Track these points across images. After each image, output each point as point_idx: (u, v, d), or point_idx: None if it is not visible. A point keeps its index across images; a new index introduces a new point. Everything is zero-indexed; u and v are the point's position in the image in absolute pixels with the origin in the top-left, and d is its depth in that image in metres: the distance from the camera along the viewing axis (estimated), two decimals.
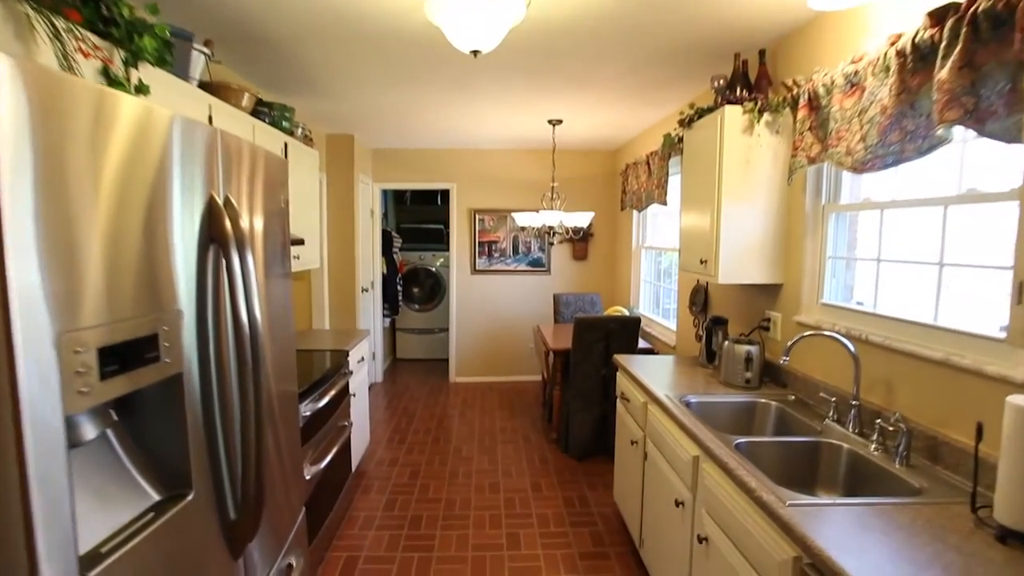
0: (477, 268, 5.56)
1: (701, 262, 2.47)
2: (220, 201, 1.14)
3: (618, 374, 2.85)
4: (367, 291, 5.11)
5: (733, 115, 2.31)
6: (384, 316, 5.90)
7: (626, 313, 4.23)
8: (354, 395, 3.15)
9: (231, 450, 1.17)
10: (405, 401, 5.01)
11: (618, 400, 2.83)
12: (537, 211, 4.05)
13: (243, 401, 1.14)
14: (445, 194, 6.74)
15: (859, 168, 1.70)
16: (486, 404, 4.94)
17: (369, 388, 5.27)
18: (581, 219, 3.93)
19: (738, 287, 2.82)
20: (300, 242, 2.80)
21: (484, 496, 3.18)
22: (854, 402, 1.76)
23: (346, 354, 2.97)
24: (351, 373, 3.00)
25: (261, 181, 1.43)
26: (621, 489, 2.76)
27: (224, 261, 1.12)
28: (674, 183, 3.71)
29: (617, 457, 2.85)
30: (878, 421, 1.64)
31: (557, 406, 3.92)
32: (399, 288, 6.12)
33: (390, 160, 5.43)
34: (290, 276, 1.70)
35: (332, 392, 2.59)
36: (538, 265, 5.61)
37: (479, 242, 5.54)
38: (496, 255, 5.57)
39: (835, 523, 1.20)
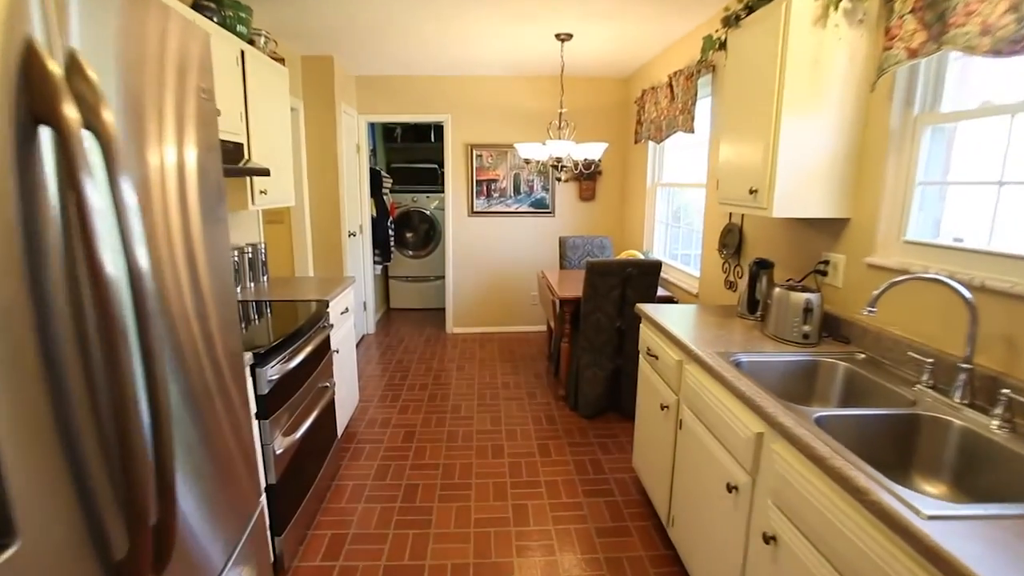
0: (475, 210, 5.09)
1: (751, 192, 2.03)
2: (55, 53, 0.68)
3: (642, 326, 2.47)
4: (354, 235, 4.66)
5: (802, 2, 1.80)
6: (375, 263, 5.47)
7: (639, 254, 3.81)
8: (337, 351, 2.77)
9: (112, 460, 0.77)
10: (399, 354, 4.66)
11: (641, 356, 2.46)
12: (543, 143, 3.55)
13: (118, 390, 0.73)
14: (439, 131, 6.16)
15: (1006, 50, 1.23)
16: (486, 357, 4.60)
17: (360, 340, 4.91)
18: (593, 150, 3.44)
19: (784, 225, 2.39)
20: (264, 172, 2.33)
21: (487, 461, 2.86)
22: (964, 365, 1.37)
23: (326, 305, 2.56)
24: (332, 327, 2.60)
25: (168, 57, 0.97)
26: (643, 456, 2.43)
27: (69, 158, 0.68)
28: (703, 108, 3.20)
29: (639, 421, 2.51)
30: (1005, 392, 1.25)
31: (566, 360, 3.57)
32: (390, 233, 5.66)
33: (376, 89, 4.84)
34: (223, 203, 1.26)
35: (308, 349, 2.20)
36: (541, 206, 5.13)
37: (477, 180, 5.04)
38: (496, 195, 5.08)
39: (1009, 549, 0.83)
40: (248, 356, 1.75)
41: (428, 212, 6.07)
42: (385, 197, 5.47)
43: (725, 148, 2.31)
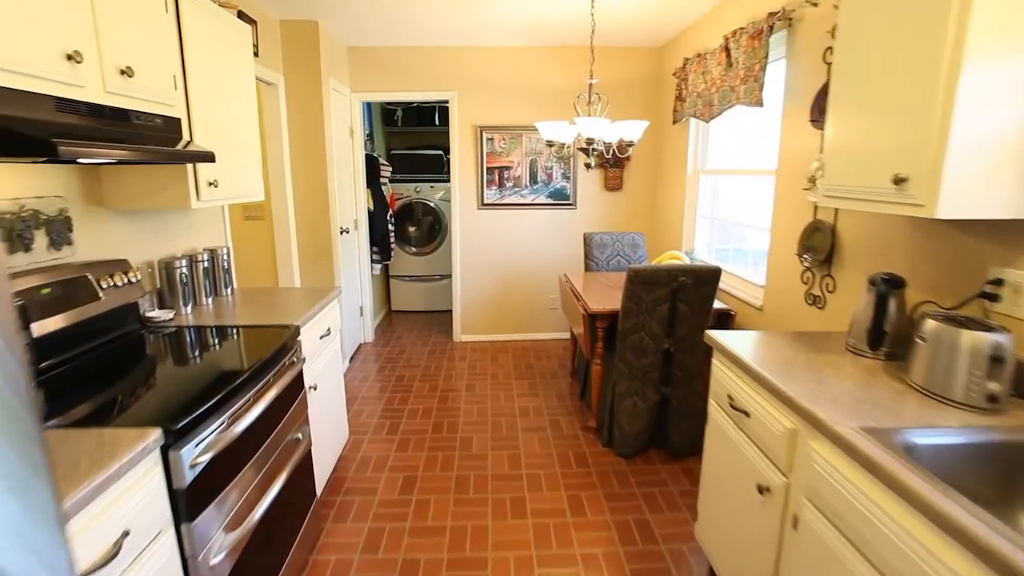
0: (485, 202, 4.46)
1: (895, 182, 1.39)
2: None
3: (715, 363, 1.85)
4: (347, 232, 4.05)
5: None
6: (373, 262, 4.87)
7: (688, 260, 3.18)
8: (315, 387, 2.17)
9: None
10: (400, 368, 4.07)
11: (714, 403, 1.84)
12: (570, 122, 2.91)
13: None
14: (444, 113, 5.52)
15: None
16: (500, 372, 4.00)
17: (356, 351, 4.33)
18: (632, 129, 2.80)
19: (921, 228, 1.75)
20: (206, 158, 1.72)
21: (505, 524, 2.27)
22: None
23: (296, 333, 1.96)
24: (304, 360, 2.00)
25: None
26: (715, 535, 1.83)
27: None
28: (773, 75, 2.55)
29: (708, 483, 1.90)
30: None
31: (597, 386, 2.96)
32: (390, 228, 5.05)
33: (372, 62, 4.20)
34: None
35: (269, 396, 1.61)
36: (561, 197, 4.49)
37: (487, 168, 4.41)
38: (509, 185, 4.45)
39: None
40: (155, 435, 1.16)
41: (432, 204, 5.44)
42: (384, 188, 4.86)
43: (838, 120, 1.66)
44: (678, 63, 3.75)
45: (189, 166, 1.85)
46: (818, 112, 2.19)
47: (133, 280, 1.87)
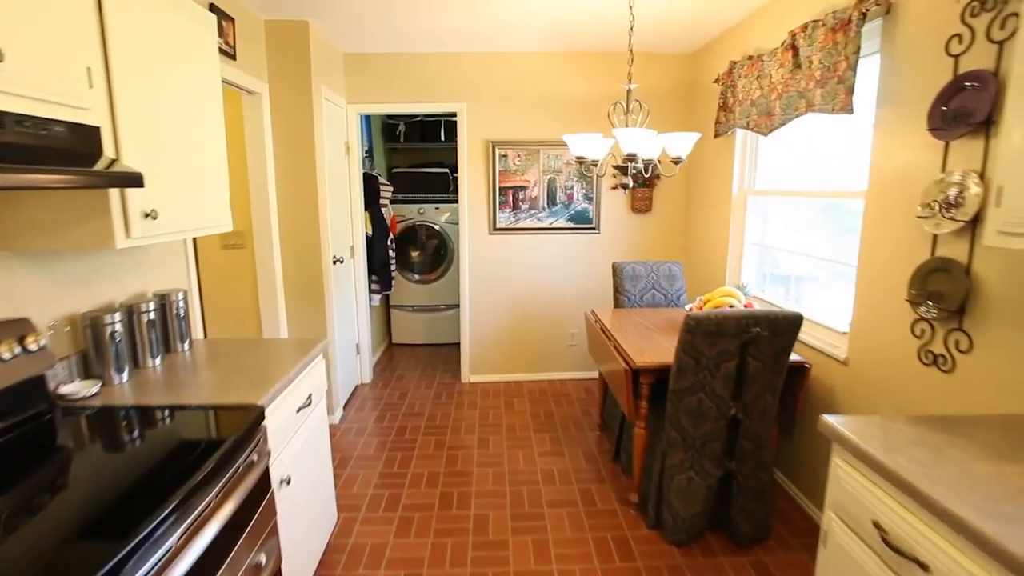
0: (498, 226, 3.98)
1: None
2: None
3: (840, 464, 1.32)
4: (341, 262, 3.55)
5: None
6: (372, 293, 4.37)
7: (743, 296, 2.67)
8: (286, 482, 1.65)
9: None
10: (401, 417, 3.54)
11: (839, 524, 1.31)
12: (605, 134, 2.42)
13: None
14: (452, 128, 5.08)
15: None
16: (516, 421, 3.47)
17: (352, 393, 3.81)
18: (683, 143, 2.32)
19: None
20: (132, 181, 1.23)
21: None
22: None
23: (258, 418, 1.44)
24: (269, 454, 1.48)
25: None
26: None
27: None
28: (864, 70, 2.06)
29: None
30: None
31: (640, 453, 2.43)
32: (391, 255, 4.56)
33: (371, 70, 3.75)
34: None
35: (219, 517, 1.10)
36: (583, 221, 4.00)
37: (500, 188, 3.93)
38: (524, 207, 3.97)
39: None
40: None
41: (438, 227, 4.96)
42: (384, 210, 4.38)
43: None
44: (720, 67, 3.28)
45: (114, 193, 1.36)
46: (940, 119, 1.70)
47: (34, 348, 1.36)
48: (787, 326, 2.04)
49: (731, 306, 2.64)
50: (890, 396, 1.98)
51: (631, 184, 2.51)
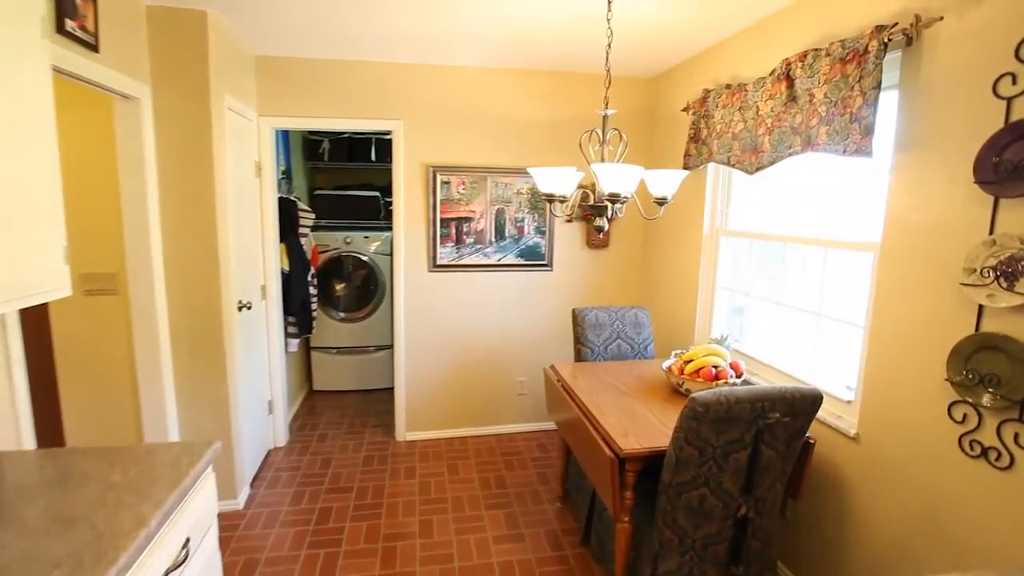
0: (438, 262, 3.48)
1: None
2: None
3: None
4: (247, 308, 2.90)
5: None
6: (289, 337, 3.71)
7: (727, 354, 2.35)
8: None
9: None
10: (324, 494, 2.92)
11: None
12: (570, 163, 2.02)
13: None
14: (384, 147, 4.54)
15: None
16: (463, 493, 2.96)
17: (264, 459, 3.14)
18: (669, 181, 1.97)
19: None
20: None
21: None
22: None
23: None
24: None
25: None
26: None
27: None
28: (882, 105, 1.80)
29: None
30: None
31: (623, 551, 2.01)
32: (312, 292, 3.91)
33: (289, 78, 3.17)
34: None
35: None
36: (534, 256, 3.60)
37: (442, 220, 3.45)
38: (469, 240, 3.50)
39: None
40: None
41: (367, 258, 4.37)
42: (304, 240, 3.75)
43: None
44: (686, 94, 3.02)
45: None
46: (993, 172, 1.43)
47: None
48: (805, 406, 1.71)
49: (716, 367, 2.31)
50: (918, 484, 1.69)
51: (606, 227, 2.11)
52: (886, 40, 1.67)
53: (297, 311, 3.68)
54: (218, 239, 2.53)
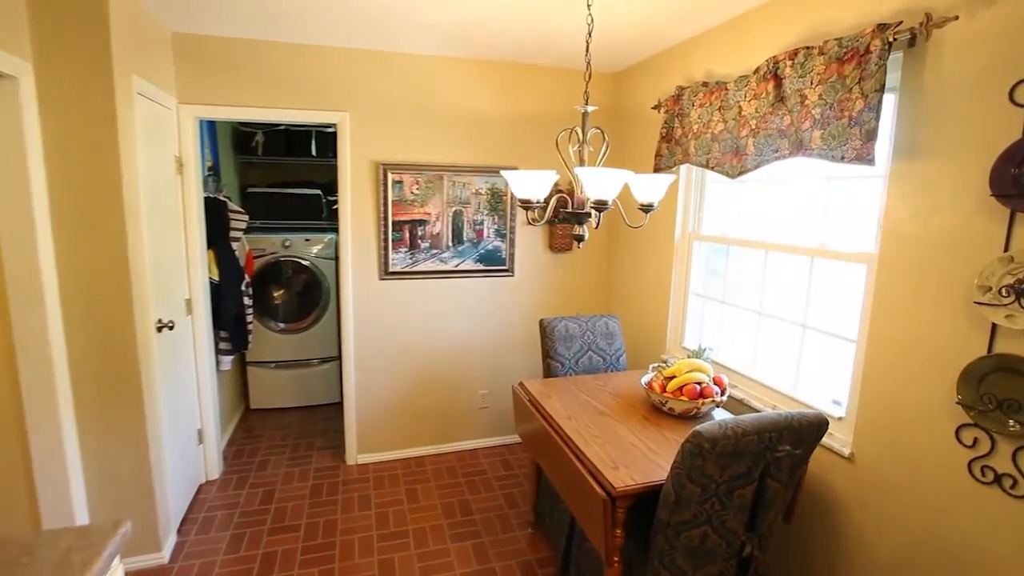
0: (391, 269, 3.18)
1: None
2: None
3: None
4: (169, 328, 2.50)
5: None
6: (221, 355, 3.29)
7: (710, 368, 2.22)
8: None
9: None
10: (266, 537, 2.58)
11: None
12: (553, 170, 1.81)
13: None
14: (326, 139, 4.16)
15: None
16: (425, 523, 2.70)
17: (195, 498, 2.76)
18: (656, 186, 1.80)
19: None
20: None
21: None
22: None
23: None
24: None
25: None
26: None
27: None
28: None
29: None
30: None
31: None
32: (246, 302, 3.50)
33: (215, 61, 2.76)
34: None
35: None
36: (494, 262, 3.37)
37: (394, 223, 3.14)
38: (424, 245, 3.22)
39: None
40: None
41: (308, 262, 3.99)
42: (236, 245, 3.33)
43: None
44: (655, 91, 2.87)
45: None
46: (1013, 184, 1.34)
47: None
48: (811, 433, 1.58)
49: (700, 383, 2.17)
50: (921, 510, 1.61)
51: (587, 236, 1.92)
52: (891, 39, 1.56)
53: (230, 325, 3.27)
54: (129, 248, 2.13)
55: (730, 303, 2.58)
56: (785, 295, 2.26)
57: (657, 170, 2.78)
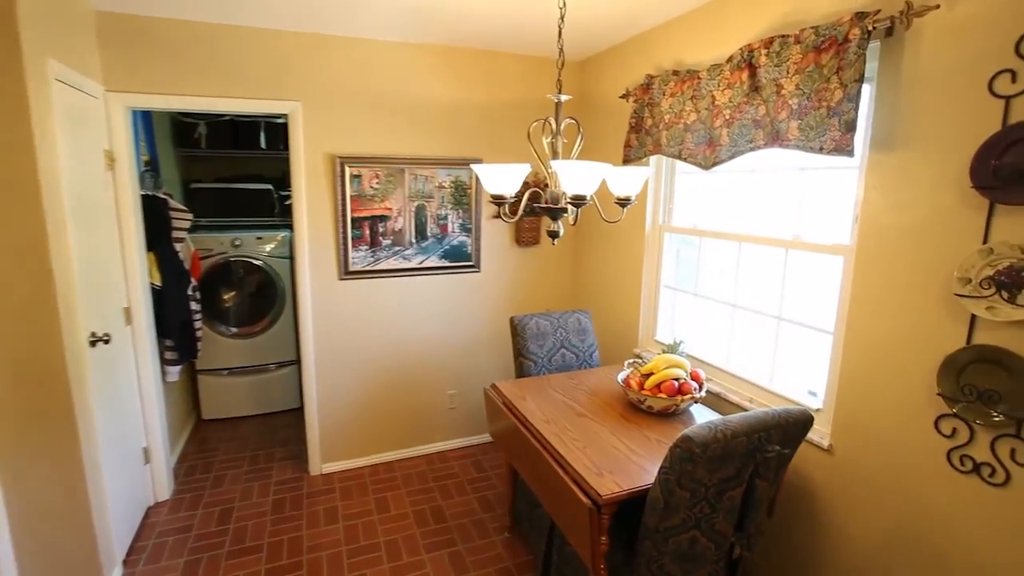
0: (351, 269, 3.01)
1: None
2: None
3: None
4: (104, 341, 2.26)
5: None
6: (167, 365, 3.04)
7: (687, 363, 2.19)
8: None
9: None
10: (225, 562, 2.40)
11: None
12: (528, 164, 1.70)
13: None
14: (276, 131, 3.92)
15: None
16: (398, 535, 2.58)
17: (143, 524, 2.55)
18: (633, 180, 1.73)
19: None
20: None
21: None
22: None
23: None
24: None
25: None
26: None
27: None
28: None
29: None
30: None
31: None
32: (193, 307, 3.25)
33: (149, 44, 2.50)
34: None
35: None
36: (460, 257, 3.25)
37: (353, 219, 2.97)
38: (386, 242, 3.07)
39: None
40: None
41: (260, 262, 3.75)
42: (180, 246, 3.08)
43: None
44: (622, 80, 2.81)
45: None
46: (993, 176, 1.33)
47: None
48: (798, 431, 1.56)
49: (678, 379, 2.14)
50: (901, 500, 1.62)
51: (562, 232, 1.83)
52: (870, 28, 1.53)
53: (176, 333, 3.03)
54: (51, 255, 1.90)
55: (703, 295, 2.56)
56: (760, 287, 2.24)
57: (626, 161, 2.72)
